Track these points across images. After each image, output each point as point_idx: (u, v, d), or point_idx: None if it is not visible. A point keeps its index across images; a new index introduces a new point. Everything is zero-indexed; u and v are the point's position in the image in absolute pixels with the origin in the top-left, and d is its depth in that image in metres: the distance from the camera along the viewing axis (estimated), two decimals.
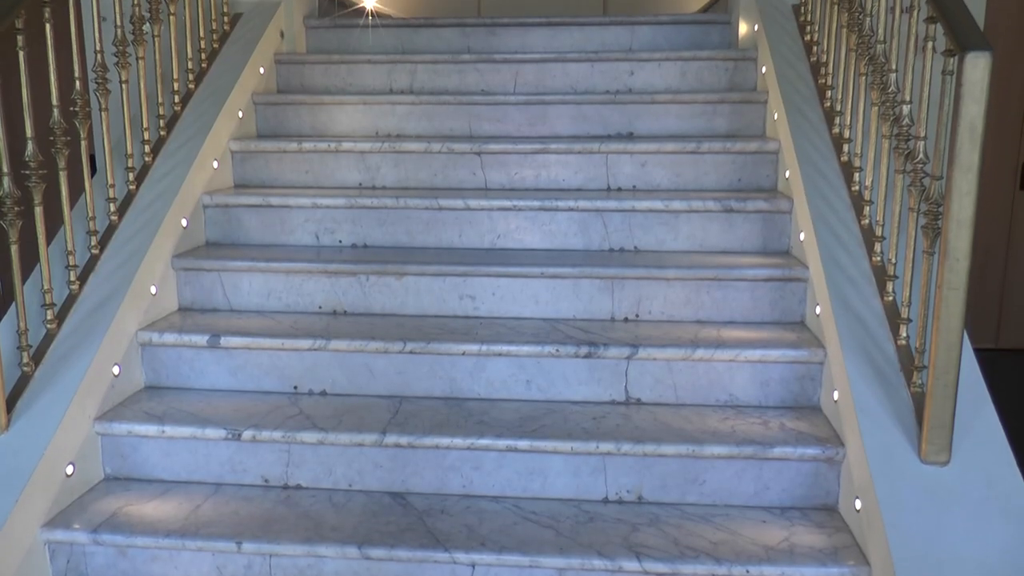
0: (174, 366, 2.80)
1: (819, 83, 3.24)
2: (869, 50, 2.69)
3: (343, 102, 3.65)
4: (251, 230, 3.26)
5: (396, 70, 3.82)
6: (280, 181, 3.48)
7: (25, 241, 2.41)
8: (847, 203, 2.77)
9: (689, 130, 3.53)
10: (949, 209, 1.92)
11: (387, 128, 3.63)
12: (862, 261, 2.59)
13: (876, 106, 2.58)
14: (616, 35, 4.03)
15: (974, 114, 1.87)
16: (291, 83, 3.91)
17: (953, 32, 1.96)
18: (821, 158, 2.94)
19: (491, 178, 3.36)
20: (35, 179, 2.45)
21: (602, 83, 3.73)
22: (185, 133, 3.26)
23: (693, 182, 3.31)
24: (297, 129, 3.69)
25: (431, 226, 3.17)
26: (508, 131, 3.57)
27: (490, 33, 4.05)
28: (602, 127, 3.54)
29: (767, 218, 3.06)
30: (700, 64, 3.71)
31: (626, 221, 3.09)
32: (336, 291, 2.98)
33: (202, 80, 3.52)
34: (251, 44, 3.71)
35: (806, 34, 3.49)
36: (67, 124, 2.61)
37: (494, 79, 3.76)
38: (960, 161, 1.89)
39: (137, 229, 2.90)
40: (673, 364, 2.62)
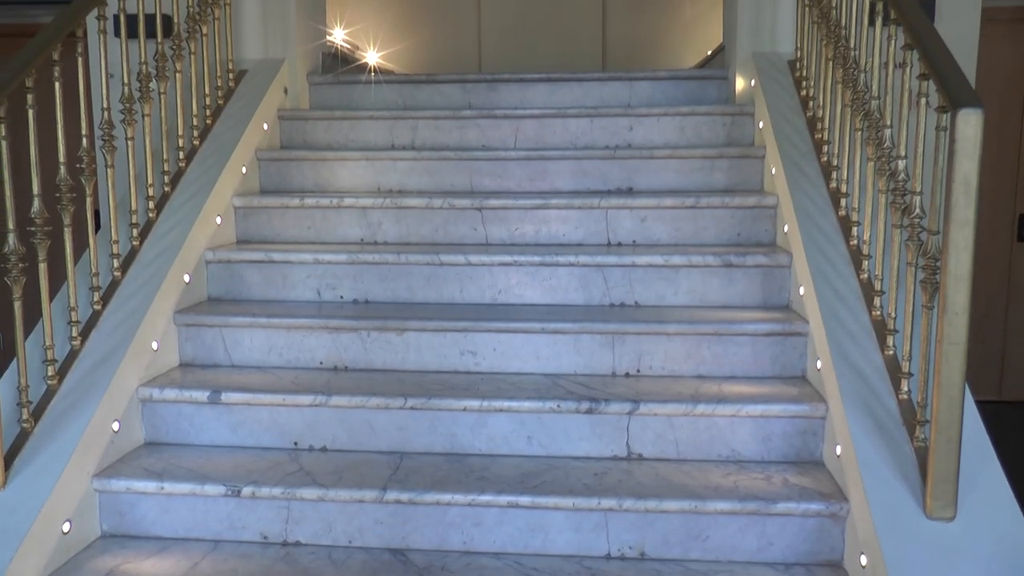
0: (174, 422, 2.79)
1: (816, 138, 3.28)
2: (864, 106, 2.72)
3: (345, 158, 3.69)
4: (253, 286, 3.27)
5: (398, 126, 3.87)
6: (283, 237, 3.51)
7: (28, 297, 2.43)
8: (846, 257, 2.79)
9: (688, 185, 3.57)
10: (947, 264, 1.93)
11: (389, 184, 3.67)
12: (862, 315, 2.59)
13: (872, 161, 2.61)
14: (615, 90, 4.08)
15: (968, 170, 1.89)
16: (294, 139, 3.96)
17: (945, 89, 1.99)
18: (819, 212, 2.96)
19: (492, 233, 3.39)
20: (40, 236, 2.47)
21: (602, 138, 3.78)
22: (189, 189, 3.30)
23: (693, 237, 3.33)
24: (300, 185, 3.73)
25: (432, 281, 3.18)
26: (509, 186, 3.60)
27: (491, 89, 4.11)
28: (602, 182, 3.58)
29: (767, 272, 3.08)
30: (698, 119, 3.76)
31: (626, 276, 3.11)
32: (337, 347, 2.99)
33: (207, 136, 3.57)
34: (255, 101, 3.77)
35: (802, 89, 3.54)
36: (73, 181, 2.64)
37: (495, 134, 3.81)
38: (956, 216, 1.91)
39: (140, 285, 2.92)
40: (675, 419, 2.61)
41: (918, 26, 2.25)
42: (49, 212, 2.51)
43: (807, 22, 3.49)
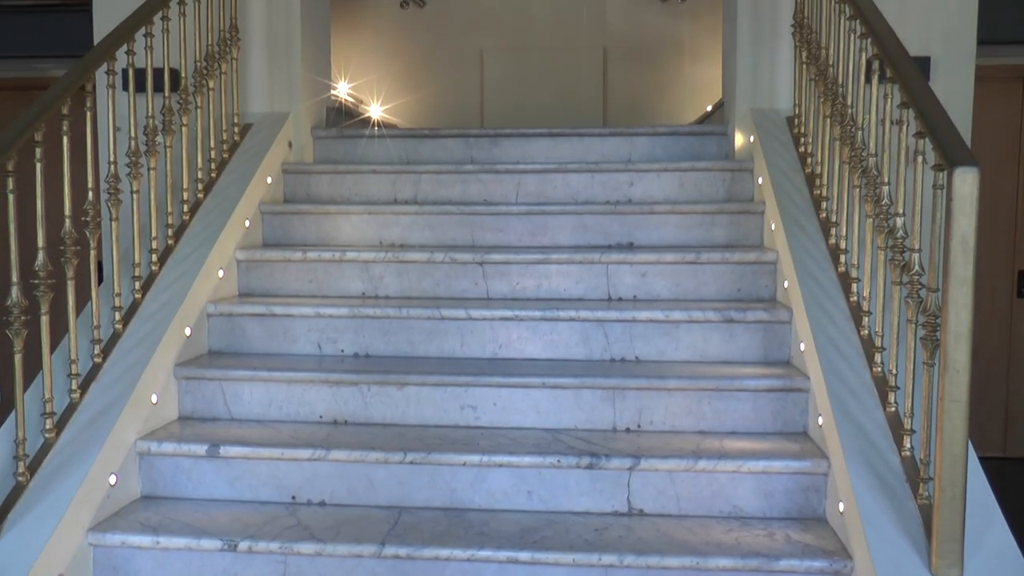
0: (172, 476, 2.77)
1: (814, 194, 3.31)
2: (862, 163, 2.76)
3: (348, 212, 3.72)
4: (254, 339, 3.28)
5: (401, 180, 3.91)
6: (284, 290, 3.52)
7: (29, 349, 2.43)
8: (846, 313, 2.79)
9: (688, 240, 3.59)
10: (947, 321, 1.93)
11: (391, 238, 3.69)
12: (863, 371, 2.59)
13: (871, 218, 2.63)
14: (616, 146, 4.13)
15: (965, 228, 1.91)
16: (298, 192, 4.00)
17: (941, 148, 2.01)
18: (819, 268, 2.97)
19: (493, 288, 3.40)
20: (43, 289, 2.48)
21: (602, 193, 3.81)
22: (192, 242, 3.32)
23: (693, 292, 3.34)
24: (302, 238, 3.76)
25: (433, 336, 3.19)
26: (510, 241, 3.63)
27: (493, 144, 4.16)
28: (603, 237, 3.60)
29: (767, 328, 3.08)
30: (698, 175, 3.80)
31: (627, 331, 3.11)
32: (337, 401, 2.98)
33: (211, 189, 3.60)
34: (260, 154, 3.81)
35: (800, 146, 3.58)
36: (78, 234, 2.66)
37: (496, 189, 3.85)
38: (955, 274, 1.92)
39: (141, 338, 2.92)
40: (676, 475, 2.59)
41: (913, 85, 2.29)
42: (53, 265, 2.52)
43: (805, 79, 3.55)
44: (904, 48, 2.50)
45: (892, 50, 2.49)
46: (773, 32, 3.93)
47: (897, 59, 2.44)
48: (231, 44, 3.89)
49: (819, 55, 3.36)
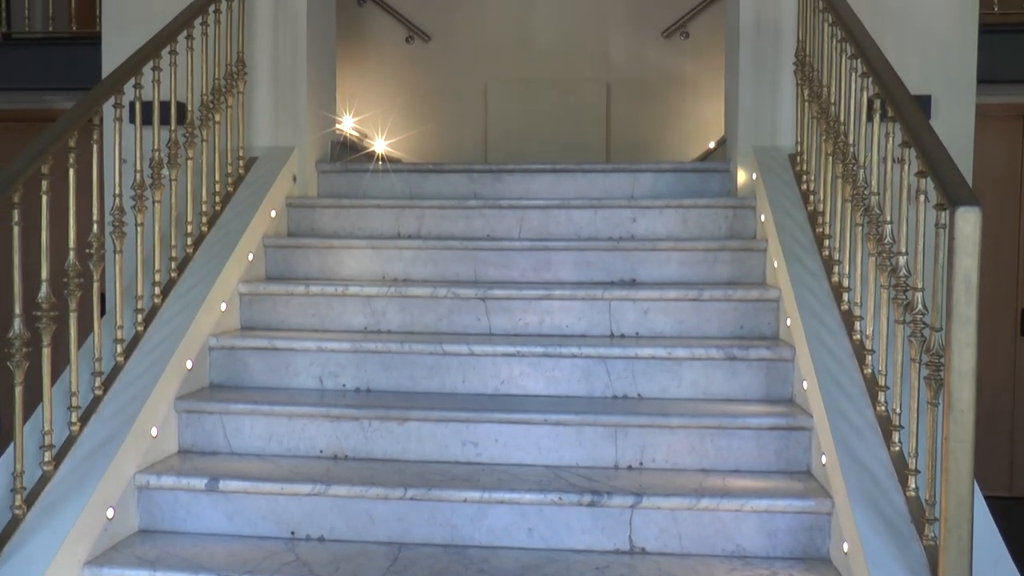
0: (170, 509, 2.75)
1: (817, 232, 3.32)
2: (864, 201, 2.76)
3: (351, 246, 3.73)
4: (256, 373, 3.27)
5: (404, 215, 3.93)
6: (287, 324, 3.52)
7: (29, 381, 2.43)
8: (849, 352, 2.79)
9: (691, 277, 3.59)
10: (950, 361, 1.93)
11: (394, 272, 3.70)
12: (866, 410, 2.57)
13: (873, 256, 2.63)
14: (619, 182, 4.14)
15: (968, 267, 1.90)
16: (301, 226, 4.01)
17: (942, 187, 2.02)
18: (821, 307, 2.97)
19: (495, 324, 3.40)
20: (46, 321, 2.48)
21: (605, 229, 3.82)
22: (195, 275, 3.32)
23: (695, 329, 3.34)
24: (305, 272, 3.76)
25: (435, 371, 3.18)
26: (513, 276, 3.63)
27: (496, 179, 4.17)
28: (605, 273, 3.60)
29: (770, 366, 3.07)
30: (700, 211, 3.81)
31: (629, 368, 3.10)
32: (338, 435, 2.96)
33: (215, 223, 3.61)
34: (264, 188, 3.83)
35: (803, 183, 3.59)
36: (82, 266, 2.66)
37: (500, 224, 3.86)
38: (958, 313, 1.91)
39: (142, 371, 2.91)
40: (678, 513, 2.57)
41: (914, 124, 2.30)
42: (55, 297, 2.52)
43: (807, 117, 3.57)
44: (904, 87, 2.52)
45: (893, 89, 2.51)
46: (775, 70, 3.96)
47: (898, 98, 2.45)
48: (238, 78, 3.92)
49: (821, 93, 3.38)
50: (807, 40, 3.66)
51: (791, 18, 3.91)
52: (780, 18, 3.95)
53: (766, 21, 3.97)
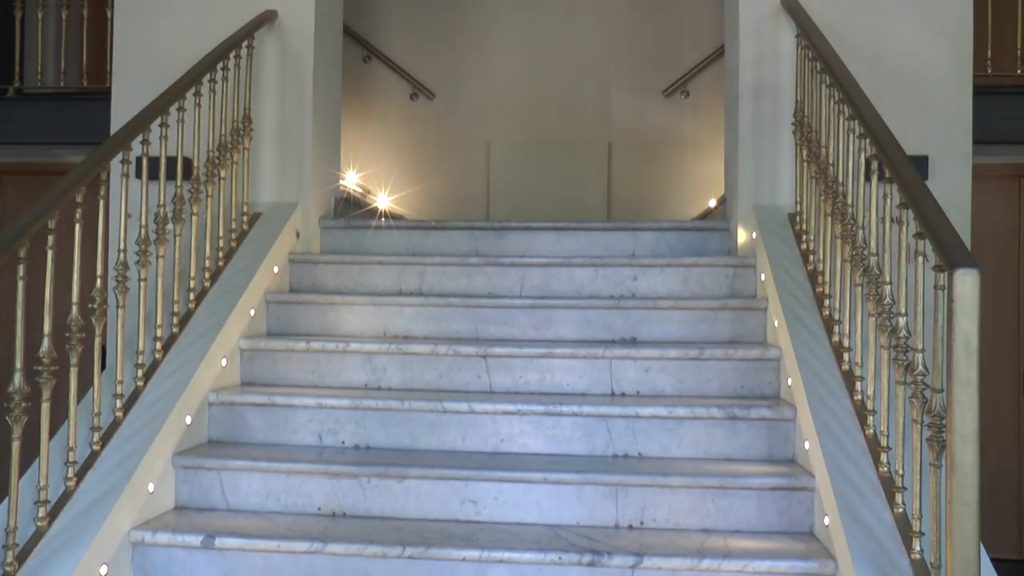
0: (165, 566, 2.72)
1: (817, 291, 3.33)
2: (863, 261, 2.77)
3: (353, 302, 3.74)
4: (255, 429, 3.26)
5: (406, 271, 3.94)
6: (287, 380, 3.51)
7: (27, 435, 2.42)
8: (850, 412, 2.78)
9: (692, 336, 3.59)
10: (952, 423, 1.91)
11: (395, 329, 3.70)
12: (869, 471, 2.55)
13: (873, 317, 2.63)
14: (620, 240, 4.17)
15: (968, 329, 1.90)
16: (303, 282, 4.02)
17: (940, 249, 2.03)
18: (822, 366, 2.96)
19: (496, 381, 3.39)
20: (46, 376, 2.48)
21: (606, 288, 3.83)
22: (197, 331, 3.33)
23: (696, 388, 3.33)
24: (307, 328, 3.77)
25: (435, 428, 3.16)
26: (514, 334, 3.63)
27: (498, 236, 4.20)
28: (606, 332, 3.60)
29: (771, 425, 3.05)
30: (701, 270, 3.82)
31: (630, 427, 3.09)
32: (336, 493, 2.94)
33: (218, 278, 3.63)
34: (267, 244, 3.85)
35: (802, 243, 3.61)
36: (84, 321, 2.67)
37: (501, 282, 3.87)
38: (959, 375, 1.91)
39: (140, 426, 2.90)
40: (679, 574, 2.53)
41: (911, 186, 2.32)
42: (57, 351, 2.53)
43: (806, 177, 3.61)
44: (901, 148, 2.55)
45: (890, 150, 2.54)
46: (774, 129, 4.01)
47: (895, 160, 2.48)
48: (243, 134, 3.98)
49: (819, 153, 3.42)
50: (805, 101, 3.72)
51: (789, 78, 3.97)
52: (779, 78, 4.02)
53: (765, 81, 4.04)
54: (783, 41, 4.01)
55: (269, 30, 4.19)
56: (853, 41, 3.90)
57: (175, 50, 4.09)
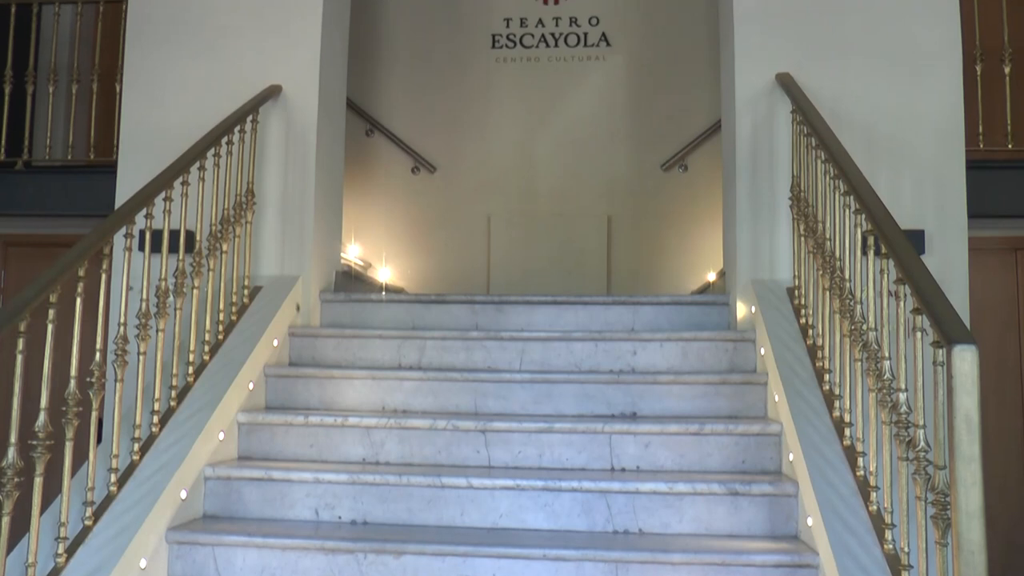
0: None
1: (817, 366, 3.32)
2: (862, 336, 2.78)
3: (352, 376, 3.73)
4: (251, 503, 3.22)
5: (406, 345, 3.94)
6: (284, 454, 3.48)
7: (18, 509, 2.39)
8: (853, 488, 2.74)
9: (692, 411, 3.57)
10: (956, 500, 1.89)
11: (394, 403, 3.68)
12: (873, 549, 2.51)
13: (873, 392, 2.62)
14: (619, 315, 4.17)
15: (968, 406, 1.90)
16: (303, 355, 4.02)
17: (938, 325, 2.03)
18: (824, 441, 2.94)
19: (495, 456, 3.36)
20: (41, 450, 2.47)
21: (606, 362, 3.83)
22: (195, 404, 3.31)
23: (697, 463, 3.30)
24: (305, 402, 3.75)
25: (433, 503, 3.12)
26: (513, 409, 3.61)
27: (498, 310, 4.21)
28: (606, 406, 3.59)
29: (773, 501, 3.02)
30: (701, 344, 3.82)
31: (630, 503, 3.05)
32: (332, 569, 2.89)
33: (217, 351, 3.63)
34: (268, 317, 3.86)
35: (801, 317, 3.61)
36: (81, 395, 2.67)
37: (501, 356, 3.87)
38: (961, 452, 1.89)
39: (135, 501, 2.87)
40: None
41: (907, 262, 2.34)
42: (53, 424, 2.52)
43: (803, 251, 3.63)
44: (896, 224, 2.58)
45: (885, 226, 2.57)
46: (771, 204, 4.05)
47: (890, 235, 2.51)
48: (246, 208, 4.02)
49: (816, 228, 3.45)
50: (801, 176, 3.77)
51: (786, 152, 4.03)
52: (775, 152, 4.07)
53: (761, 155, 4.09)
54: (779, 116, 4.08)
55: (274, 104, 4.27)
56: (847, 116, 3.98)
57: (181, 124, 4.17)
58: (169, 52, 4.37)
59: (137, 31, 4.43)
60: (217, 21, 4.37)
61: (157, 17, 4.41)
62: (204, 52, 4.35)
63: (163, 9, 4.42)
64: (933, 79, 4.08)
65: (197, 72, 4.33)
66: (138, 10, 4.45)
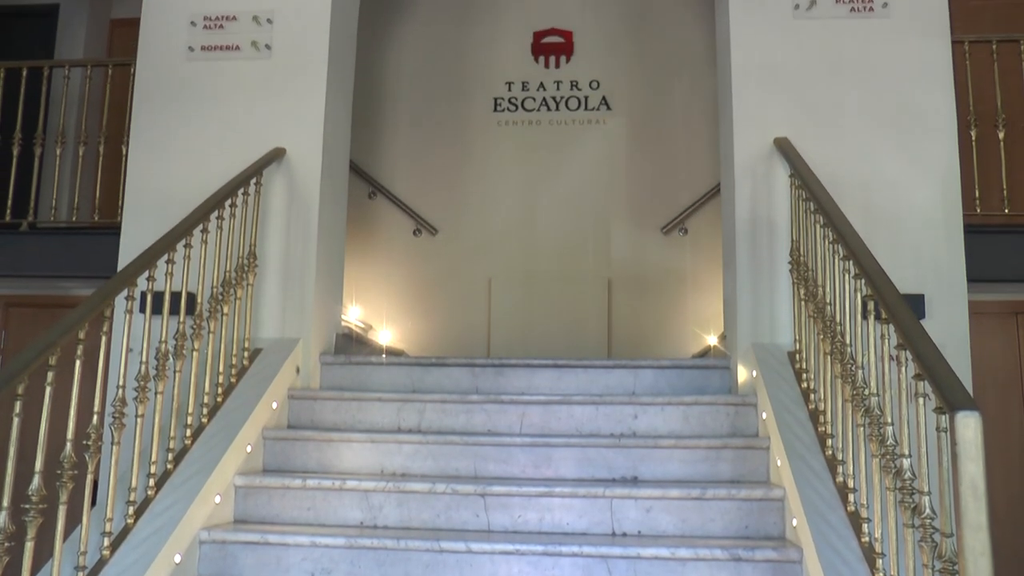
0: None
1: (819, 430, 3.29)
2: (864, 401, 2.76)
3: (351, 439, 3.70)
4: (245, 568, 3.16)
5: (405, 408, 3.91)
6: (281, 518, 3.43)
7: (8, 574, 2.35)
8: (858, 554, 2.70)
9: (693, 475, 3.53)
10: (965, 570, 1.86)
11: (392, 467, 3.65)
12: None
13: (876, 457, 2.60)
14: (620, 378, 4.15)
15: (974, 473, 1.87)
16: (302, 418, 3.99)
17: (940, 392, 2.02)
18: (827, 507, 2.90)
19: (494, 520, 3.31)
20: (34, 514, 2.43)
21: (606, 426, 3.80)
22: (191, 467, 3.28)
23: (699, 528, 3.25)
24: (303, 465, 3.71)
25: (431, 568, 3.07)
26: (513, 472, 3.57)
27: (498, 373, 4.19)
28: (607, 470, 3.55)
29: (777, 567, 2.96)
30: (702, 408, 3.80)
31: (632, 568, 3.00)
32: None
33: (215, 414, 3.60)
34: (267, 380, 3.84)
35: (802, 381, 3.60)
36: (77, 458, 2.64)
37: (501, 420, 3.84)
38: (968, 520, 1.86)
39: (127, 566, 2.82)
40: None
41: (908, 327, 2.34)
42: (47, 487, 2.49)
43: (803, 315, 3.63)
44: (896, 290, 2.58)
45: (885, 291, 2.57)
46: (771, 267, 4.06)
47: (890, 301, 2.51)
48: (248, 270, 4.03)
49: (816, 292, 3.46)
50: (800, 240, 3.78)
51: (785, 216, 4.06)
52: (774, 216, 4.10)
53: (761, 219, 4.12)
54: (777, 180, 4.12)
55: (278, 167, 4.31)
56: (845, 181, 4.02)
57: (186, 185, 4.22)
58: (175, 114, 4.44)
59: (145, 94, 4.50)
60: (223, 85, 4.44)
61: (165, 80, 4.49)
62: (210, 115, 4.41)
63: (171, 72, 4.49)
64: (929, 144, 4.13)
65: (202, 134, 4.39)
66: (146, 73, 4.53)
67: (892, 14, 4.26)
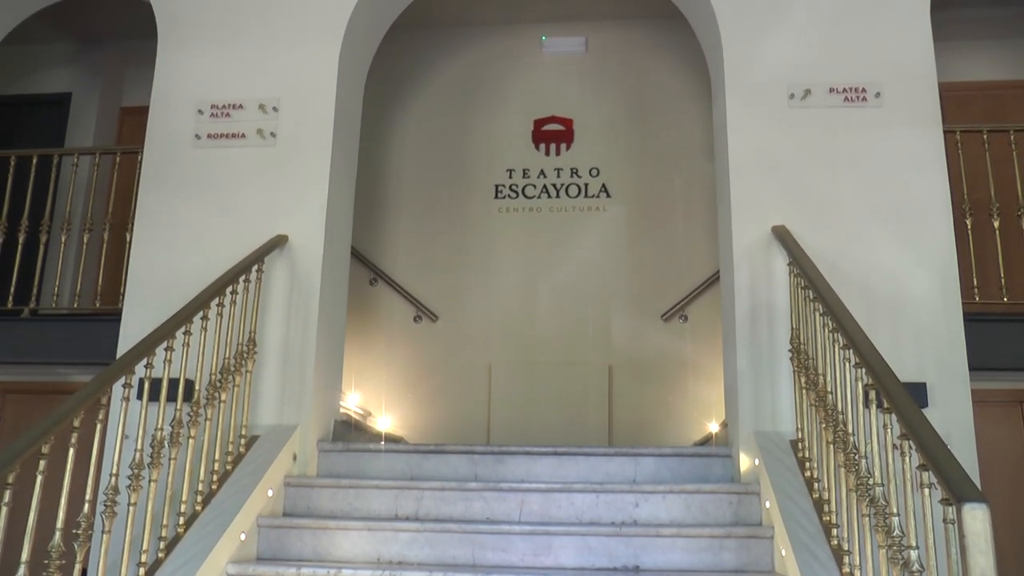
0: None
1: (824, 520, 3.23)
2: (868, 491, 2.71)
3: (347, 527, 3.63)
4: None
5: (403, 496, 3.85)
6: None
7: None
8: None
9: (696, 564, 3.45)
10: None
11: (389, 555, 3.57)
12: None
13: (883, 548, 2.54)
14: (621, 466, 4.10)
15: (984, 566, 1.83)
16: (298, 505, 3.92)
17: (946, 483, 1.99)
18: None
19: None
20: None
21: (607, 514, 3.73)
22: (183, 556, 3.21)
23: None
24: (298, 553, 3.63)
25: None
26: (512, 561, 3.50)
27: (497, 461, 4.14)
28: (607, 559, 3.47)
29: None
30: (704, 497, 3.74)
31: None
32: None
33: (210, 501, 3.55)
34: (263, 467, 3.79)
35: (806, 470, 3.55)
36: (65, 547, 2.59)
37: (500, 507, 3.77)
38: None
39: None
40: None
41: (910, 417, 2.31)
42: None
43: (805, 404, 3.60)
44: (897, 378, 2.56)
45: (886, 380, 2.55)
46: (772, 355, 4.05)
47: (891, 390, 2.49)
48: (247, 357, 4.02)
49: (817, 381, 3.44)
50: (800, 328, 3.78)
51: (784, 304, 4.06)
52: (774, 304, 4.11)
53: (761, 307, 4.13)
54: (776, 268, 4.14)
55: (280, 253, 4.35)
56: (844, 269, 4.04)
57: (188, 271, 4.25)
58: (180, 201, 4.49)
59: (150, 181, 4.57)
60: (228, 172, 4.51)
61: (171, 167, 4.56)
62: (214, 202, 4.47)
63: (177, 159, 4.57)
64: (926, 232, 4.16)
65: (206, 221, 4.44)
66: (153, 160, 4.61)
67: (885, 103, 4.35)
